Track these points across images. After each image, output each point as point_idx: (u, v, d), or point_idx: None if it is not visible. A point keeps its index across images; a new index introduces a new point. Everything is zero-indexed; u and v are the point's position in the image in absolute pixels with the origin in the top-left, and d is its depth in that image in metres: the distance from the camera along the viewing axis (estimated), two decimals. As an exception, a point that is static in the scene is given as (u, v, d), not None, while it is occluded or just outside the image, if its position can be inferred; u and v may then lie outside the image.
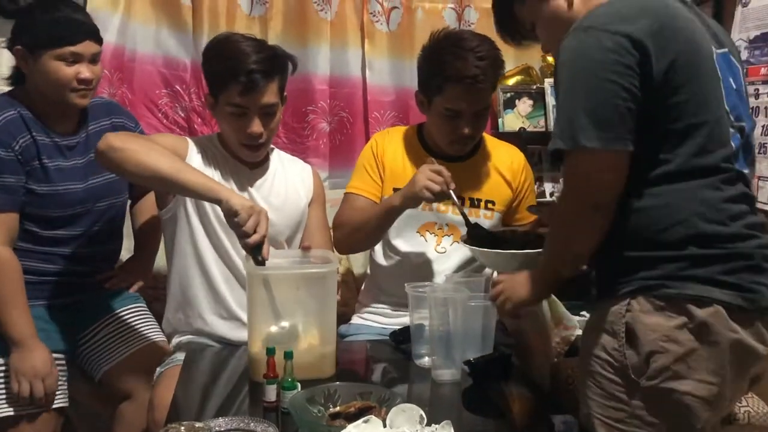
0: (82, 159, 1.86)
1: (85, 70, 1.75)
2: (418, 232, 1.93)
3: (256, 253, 1.50)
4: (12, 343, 1.72)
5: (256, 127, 1.75)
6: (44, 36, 1.73)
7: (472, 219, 1.89)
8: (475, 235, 1.71)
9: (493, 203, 1.94)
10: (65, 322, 1.88)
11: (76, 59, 1.74)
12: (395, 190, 1.90)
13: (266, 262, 1.50)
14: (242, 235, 1.50)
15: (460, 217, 1.91)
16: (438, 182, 1.68)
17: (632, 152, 1.18)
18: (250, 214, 1.49)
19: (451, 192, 1.69)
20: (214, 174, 1.80)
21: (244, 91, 1.71)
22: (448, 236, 1.93)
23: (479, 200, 1.93)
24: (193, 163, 1.77)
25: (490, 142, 2.03)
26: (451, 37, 1.88)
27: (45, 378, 1.73)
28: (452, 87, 1.80)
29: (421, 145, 1.96)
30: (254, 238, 1.49)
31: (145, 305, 2.05)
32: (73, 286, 1.89)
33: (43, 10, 1.76)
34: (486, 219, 1.93)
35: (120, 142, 1.59)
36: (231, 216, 1.50)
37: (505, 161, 1.99)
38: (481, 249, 1.64)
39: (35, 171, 1.77)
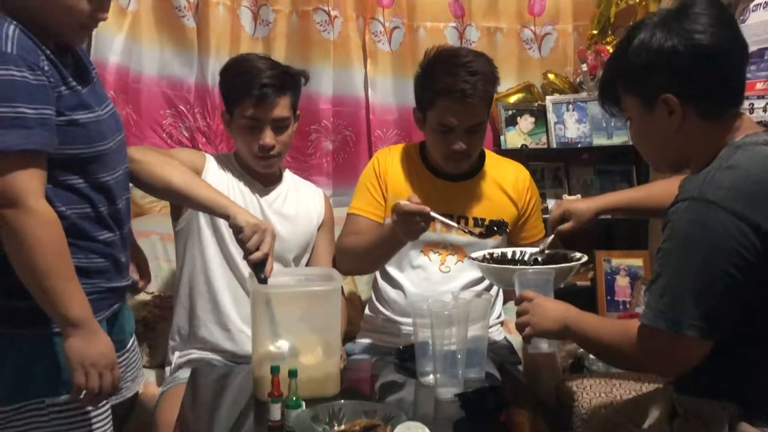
0: (88, 85, 1.48)
1: (104, 12, 1.43)
2: (422, 251, 1.92)
3: (258, 270, 1.51)
4: (69, 325, 1.32)
5: (269, 139, 1.81)
6: None
7: (475, 238, 1.87)
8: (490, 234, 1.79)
9: None
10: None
11: None
12: None
13: (268, 280, 1.52)
14: (246, 252, 1.52)
15: (463, 238, 1.90)
16: (418, 228, 1.63)
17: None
18: (254, 231, 1.52)
19: (434, 215, 1.62)
20: (229, 188, 1.85)
21: (257, 103, 1.79)
22: (453, 255, 1.92)
23: (483, 220, 1.92)
24: (210, 177, 1.83)
25: (494, 160, 2.02)
26: (444, 53, 1.88)
27: (113, 368, 1.38)
28: (442, 101, 1.80)
29: (422, 163, 1.96)
30: (256, 255, 1.51)
31: (137, 345, 1.74)
32: (120, 292, 1.56)
33: None
34: (492, 239, 1.91)
35: (139, 155, 1.64)
36: (236, 233, 1.55)
37: (510, 179, 1.98)
38: (487, 264, 1.64)
39: (66, 97, 1.37)
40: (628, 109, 1.31)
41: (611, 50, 2.80)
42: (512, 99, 2.93)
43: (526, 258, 1.69)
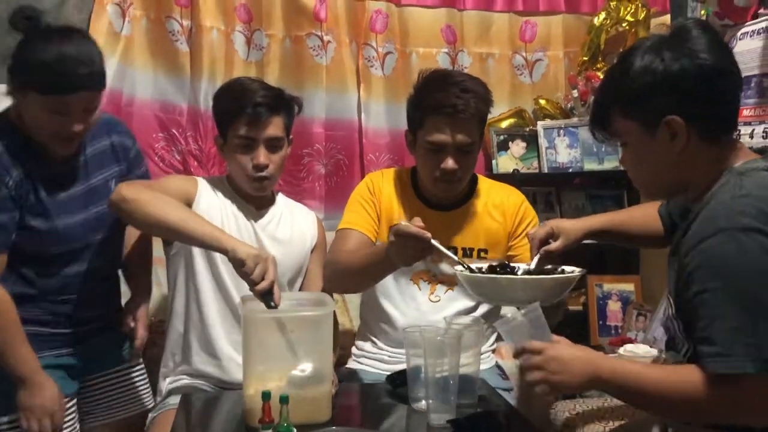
0: (81, 186, 1.75)
1: (74, 124, 1.59)
2: (411, 280, 1.89)
3: (267, 299, 1.52)
4: (18, 382, 1.65)
5: (263, 157, 1.81)
6: (34, 77, 1.55)
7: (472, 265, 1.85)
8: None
9: (486, 251, 1.88)
10: (74, 366, 1.81)
11: (65, 111, 1.57)
12: None
13: (278, 306, 1.52)
14: (251, 284, 1.52)
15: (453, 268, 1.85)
16: (416, 253, 1.55)
17: None
18: (256, 262, 1.51)
19: (435, 243, 1.54)
20: (221, 212, 1.84)
21: (250, 122, 1.79)
22: (442, 284, 1.88)
23: (471, 249, 1.88)
24: (202, 202, 1.83)
25: (487, 186, 1.97)
26: (438, 72, 1.87)
27: (53, 414, 1.66)
28: (433, 118, 1.76)
29: (414, 191, 1.92)
30: (262, 285, 1.51)
31: (143, 365, 1.98)
32: (77, 335, 1.81)
33: (42, 44, 1.54)
34: None
35: (131, 194, 1.63)
36: (238, 266, 1.53)
37: (498, 204, 1.92)
38: (472, 275, 1.51)
39: (33, 206, 1.66)
40: (625, 135, 1.29)
41: (601, 76, 2.85)
42: (504, 124, 2.95)
43: (518, 273, 1.56)
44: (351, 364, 2.02)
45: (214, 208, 1.83)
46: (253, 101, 1.79)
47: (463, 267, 1.56)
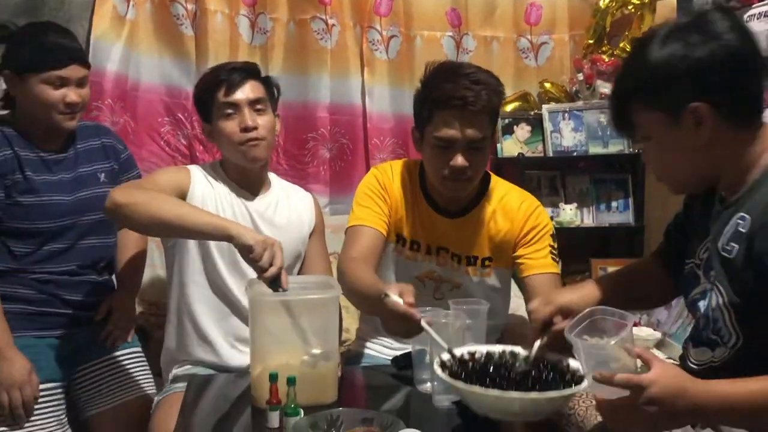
0: (69, 174, 1.87)
1: (71, 94, 1.80)
2: (416, 277, 1.82)
3: (276, 285, 1.51)
4: None
5: (249, 119, 1.81)
6: (30, 60, 1.78)
7: (474, 278, 1.78)
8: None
9: (491, 259, 1.82)
10: (60, 352, 1.85)
11: (62, 83, 1.79)
12: (398, 236, 1.82)
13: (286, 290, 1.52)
14: (259, 270, 1.51)
15: (458, 275, 1.81)
16: (403, 330, 1.46)
17: None
18: (264, 248, 1.50)
19: (424, 325, 1.41)
20: (216, 199, 1.83)
21: (228, 87, 1.82)
22: (448, 282, 1.84)
23: (476, 258, 1.81)
24: (197, 191, 1.81)
25: (501, 189, 1.85)
26: (446, 64, 1.78)
27: (22, 387, 1.70)
28: (441, 112, 1.66)
29: (421, 192, 1.83)
30: (271, 271, 1.50)
31: (140, 349, 2.02)
32: (66, 319, 1.86)
33: (30, 35, 1.82)
34: (485, 277, 1.82)
35: (124, 198, 1.61)
36: (246, 252, 1.52)
37: (508, 210, 1.81)
38: (455, 383, 1.27)
39: (18, 183, 1.79)
40: (648, 128, 1.23)
41: (607, 59, 2.84)
42: (509, 108, 2.95)
43: (517, 365, 1.37)
44: (355, 346, 2.03)
45: (208, 196, 1.82)
46: (228, 68, 1.86)
47: (451, 357, 1.37)
